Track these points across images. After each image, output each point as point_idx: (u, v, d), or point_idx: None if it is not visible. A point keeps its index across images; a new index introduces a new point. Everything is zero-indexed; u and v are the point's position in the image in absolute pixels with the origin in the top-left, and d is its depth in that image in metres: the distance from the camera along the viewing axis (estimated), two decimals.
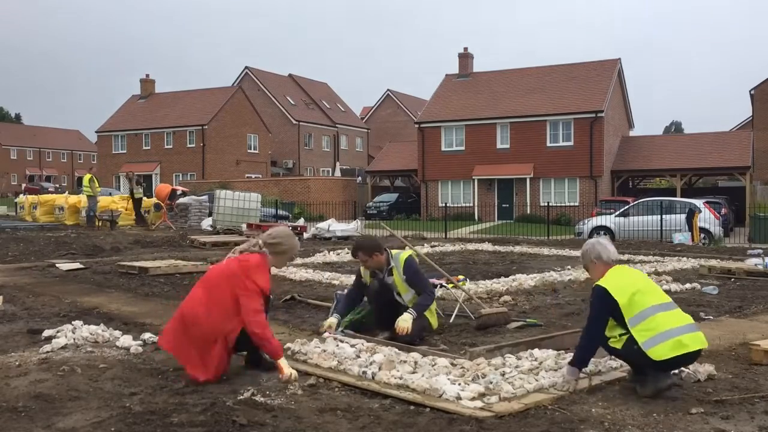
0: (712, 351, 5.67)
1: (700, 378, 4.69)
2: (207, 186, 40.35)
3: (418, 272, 6.08)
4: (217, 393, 4.28)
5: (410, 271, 6.01)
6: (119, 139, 56.68)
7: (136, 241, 17.22)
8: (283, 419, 3.83)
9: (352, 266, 12.42)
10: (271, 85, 62.33)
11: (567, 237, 22.66)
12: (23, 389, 4.34)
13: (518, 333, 6.34)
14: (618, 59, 40.84)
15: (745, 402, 4.21)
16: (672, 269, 11.88)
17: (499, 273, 11.13)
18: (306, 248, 15.98)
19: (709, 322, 7.13)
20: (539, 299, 8.60)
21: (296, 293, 8.45)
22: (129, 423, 3.73)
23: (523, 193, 37.51)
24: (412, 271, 6.02)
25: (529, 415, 3.94)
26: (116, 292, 9.02)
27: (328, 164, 63.73)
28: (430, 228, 26.14)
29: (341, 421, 3.81)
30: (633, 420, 3.87)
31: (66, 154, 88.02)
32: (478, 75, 43.74)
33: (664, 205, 22.17)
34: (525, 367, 4.68)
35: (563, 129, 37.16)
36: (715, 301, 8.56)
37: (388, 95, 72.67)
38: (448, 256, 14.72)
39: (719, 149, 37.11)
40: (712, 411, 4.04)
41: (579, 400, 4.23)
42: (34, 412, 3.93)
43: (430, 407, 4.02)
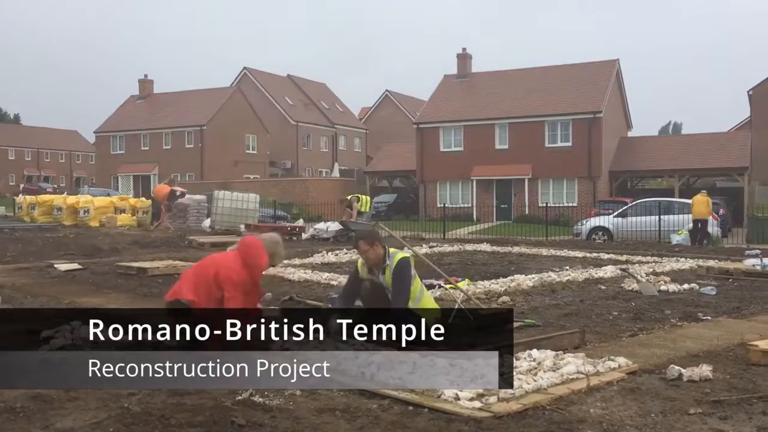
0: (710, 351, 5.68)
1: (698, 378, 4.70)
2: (205, 186, 40.31)
3: (404, 276, 6.05)
4: (215, 393, 4.28)
5: (398, 271, 6.02)
6: (118, 139, 56.58)
7: (135, 241, 17.20)
8: (281, 420, 3.83)
9: (351, 267, 12.41)
10: (270, 85, 62.29)
11: (565, 237, 22.67)
12: (21, 390, 4.34)
13: (517, 333, 6.35)
14: (616, 60, 40.85)
15: (743, 402, 4.22)
16: (670, 270, 11.88)
17: (498, 273, 11.13)
18: (304, 249, 15.97)
19: (707, 323, 7.14)
20: (538, 300, 8.60)
21: (295, 294, 8.45)
22: (127, 423, 3.73)
23: (521, 193, 37.50)
24: (399, 271, 6.03)
25: (528, 416, 3.94)
26: (115, 292, 9.02)
27: (327, 165, 63.69)
28: (428, 228, 26.14)
29: (340, 422, 3.82)
30: (631, 420, 3.88)
31: (64, 154, 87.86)
32: (476, 75, 43.73)
33: (662, 206, 22.18)
34: (523, 368, 4.69)
35: (562, 129, 37.17)
36: (713, 301, 8.57)
37: (387, 96, 72.65)
38: (447, 257, 14.72)
39: (717, 150, 37.14)
40: (710, 411, 4.05)
41: (577, 400, 4.24)
42: (32, 412, 3.93)
43: (428, 407, 4.02)
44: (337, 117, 67.29)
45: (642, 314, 7.54)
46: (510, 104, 39.16)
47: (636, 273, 10.45)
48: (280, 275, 10.66)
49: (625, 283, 9.87)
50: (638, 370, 4.99)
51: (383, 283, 6.07)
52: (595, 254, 15.09)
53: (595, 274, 11.09)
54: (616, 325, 6.98)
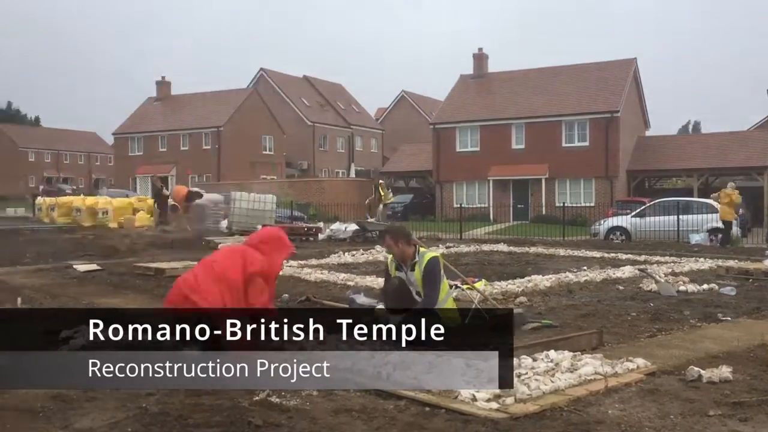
0: (729, 352, 5.62)
1: (718, 380, 4.65)
2: (222, 187, 40.52)
3: (434, 276, 6.09)
4: (233, 394, 4.29)
5: (428, 270, 6.06)
6: (135, 141, 57.07)
7: (152, 242, 17.34)
8: (298, 420, 3.84)
9: (367, 267, 12.43)
10: (286, 86, 62.49)
11: (582, 238, 22.53)
12: (42, 389, 4.38)
13: (534, 334, 6.32)
14: (634, 59, 40.54)
15: (764, 404, 4.17)
16: (689, 270, 11.77)
17: (515, 274, 11.08)
18: (321, 249, 16.01)
19: (727, 324, 7.06)
20: (555, 300, 8.56)
21: (311, 294, 8.47)
22: (146, 423, 3.76)
23: (538, 193, 37.33)
24: (429, 271, 6.07)
25: (545, 417, 3.92)
26: (133, 293, 9.09)
27: (343, 165, 63.79)
28: (445, 229, 26.09)
29: (356, 422, 3.82)
30: (649, 422, 3.85)
31: (83, 156, 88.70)
32: (492, 75, 43.58)
33: (680, 206, 21.98)
34: (541, 369, 4.66)
35: (579, 129, 36.95)
36: (732, 302, 8.48)
37: (403, 96, 72.61)
38: (464, 257, 14.68)
39: (736, 148, 36.73)
40: (730, 413, 4.00)
41: (595, 401, 4.21)
42: (51, 412, 3.97)
43: (445, 408, 4.01)
44: (354, 117, 67.36)
45: (661, 315, 7.48)
46: (526, 104, 38.98)
47: (654, 273, 10.36)
48: (296, 275, 10.69)
49: (643, 284, 9.79)
50: (657, 371, 4.94)
51: (411, 280, 6.12)
52: (613, 254, 14.99)
53: (613, 274, 11.01)
54: (634, 325, 6.92)
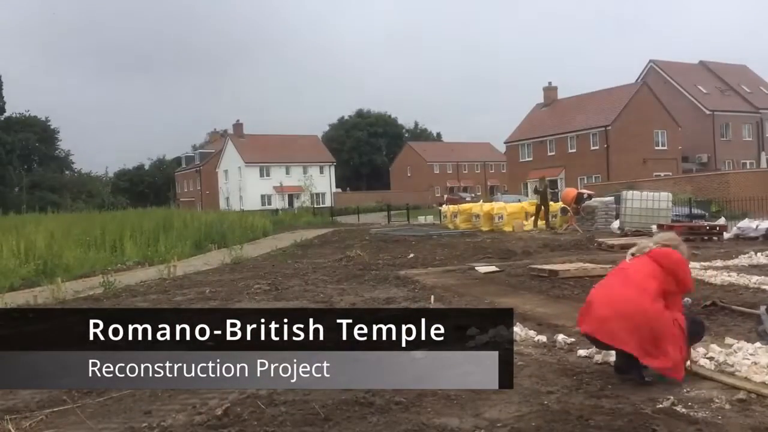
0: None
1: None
2: (612, 187, 39.62)
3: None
4: (633, 399, 4.17)
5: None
6: (525, 147, 59.35)
7: (545, 244, 17.76)
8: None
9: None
10: (679, 75, 58.35)
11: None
12: None
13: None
14: None
15: None
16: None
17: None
18: (727, 250, 14.56)
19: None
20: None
21: (717, 298, 7.77)
22: (548, 420, 3.88)
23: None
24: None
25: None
26: (528, 293, 9.44)
27: (751, 155, 56.98)
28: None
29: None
30: None
31: (479, 165, 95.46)
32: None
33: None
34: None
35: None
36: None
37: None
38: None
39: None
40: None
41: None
42: (464, 401, 4.35)
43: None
44: (763, 101, 59.66)
45: None
46: None
47: None
48: (699, 278, 9.89)
49: None
50: None
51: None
52: None
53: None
54: None
